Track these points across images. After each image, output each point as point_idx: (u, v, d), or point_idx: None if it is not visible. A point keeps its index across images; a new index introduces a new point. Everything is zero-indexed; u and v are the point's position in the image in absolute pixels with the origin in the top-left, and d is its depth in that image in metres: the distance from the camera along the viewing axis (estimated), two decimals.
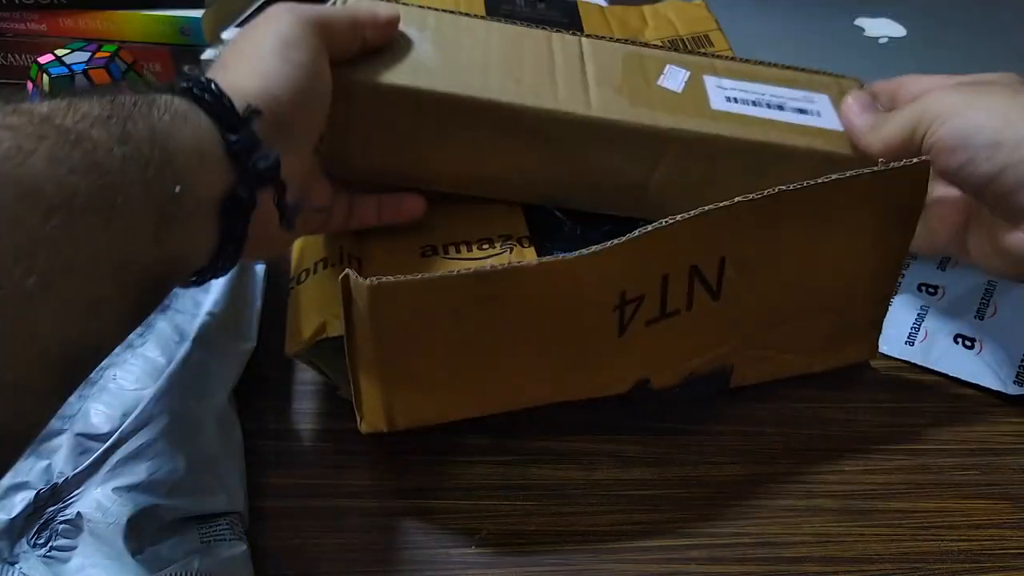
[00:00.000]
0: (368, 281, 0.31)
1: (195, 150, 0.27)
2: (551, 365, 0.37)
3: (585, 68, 0.42)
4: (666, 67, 0.43)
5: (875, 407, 0.44)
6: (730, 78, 0.44)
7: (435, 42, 0.40)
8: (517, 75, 0.40)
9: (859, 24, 0.71)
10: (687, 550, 0.37)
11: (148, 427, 0.34)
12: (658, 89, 0.42)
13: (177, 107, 0.27)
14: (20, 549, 0.31)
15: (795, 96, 0.44)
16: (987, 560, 0.37)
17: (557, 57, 0.42)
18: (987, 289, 0.48)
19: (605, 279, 0.35)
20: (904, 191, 0.38)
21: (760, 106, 0.43)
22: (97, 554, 0.31)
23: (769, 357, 0.42)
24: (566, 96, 0.40)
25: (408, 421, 0.37)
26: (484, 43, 0.41)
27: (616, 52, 0.43)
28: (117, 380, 0.35)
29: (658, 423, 0.42)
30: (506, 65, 0.40)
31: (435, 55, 0.40)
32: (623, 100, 0.41)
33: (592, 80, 0.41)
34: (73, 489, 0.32)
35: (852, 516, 0.38)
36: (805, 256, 0.39)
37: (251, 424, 0.40)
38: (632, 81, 0.42)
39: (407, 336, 0.34)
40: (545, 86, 0.40)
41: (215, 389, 0.38)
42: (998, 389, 0.43)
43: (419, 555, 0.36)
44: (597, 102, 0.40)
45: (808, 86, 0.45)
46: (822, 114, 0.43)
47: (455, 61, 0.40)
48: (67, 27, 0.65)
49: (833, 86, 0.45)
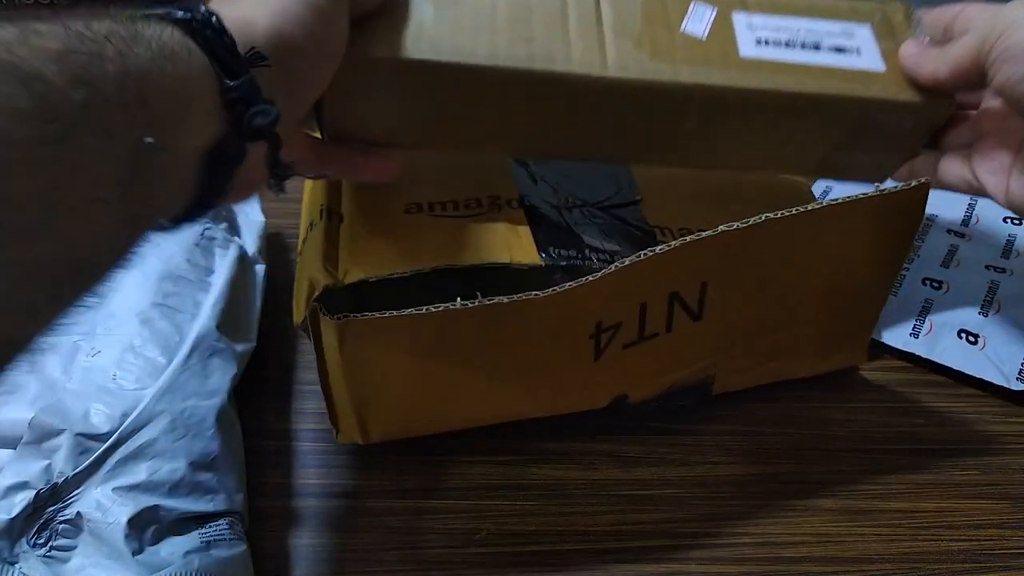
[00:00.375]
0: (336, 318, 0.31)
1: (181, 94, 0.24)
2: (526, 388, 0.37)
3: (601, 15, 0.38)
4: (691, 5, 0.39)
5: (875, 407, 0.44)
6: (762, 12, 0.40)
7: (435, 3, 0.37)
8: (527, 33, 0.36)
9: None
10: (686, 550, 0.37)
11: (148, 427, 0.34)
12: (681, 36, 0.38)
13: (166, 41, 0.23)
14: (20, 549, 0.31)
15: (832, 31, 0.40)
16: (987, 560, 0.37)
17: (570, 4, 0.38)
18: (991, 286, 0.48)
19: (580, 311, 0.34)
20: (901, 213, 0.37)
21: (794, 47, 0.39)
22: (97, 554, 0.31)
23: (753, 367, 0.42)
24: (580, 55, 0.36)
25: (383, 435, 0.37)
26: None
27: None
28: (117, 380, 0.35)
29: (658, 423, 0.42)
30: (515, 22, 0.37)
31: (439, 16, 0.36)
32: (643, 54, 0.37)
33: (609, 30, 0.38)
34: (73, 489, 0.32)
35: (852, 516, 0.38)
36: (793, 274, 0.38)
37: (251, 424, 0.40)
38: (652, 29, 0.38)
39: (377, 367, 0.34)
40: (558, 43, 0.37)
41: (215, 389, 0.37)
42: (1001, 384, 0.43)
43: (419, 555, 0.36)
44: (614, 59, 0.37)
45: (849, 16, 0.41)
46: (862, 51, 0.39)
47: (460, 22, 0.36)
48: None
49: (876, 13, 0.41)
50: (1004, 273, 0.49)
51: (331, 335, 0.32)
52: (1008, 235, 0.52)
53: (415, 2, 0.36)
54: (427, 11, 0.36)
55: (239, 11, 0.27)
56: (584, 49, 0.37)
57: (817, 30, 0.40)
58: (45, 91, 0.19)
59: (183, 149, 0.24)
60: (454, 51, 0.35)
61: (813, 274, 0.38)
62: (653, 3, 0.39)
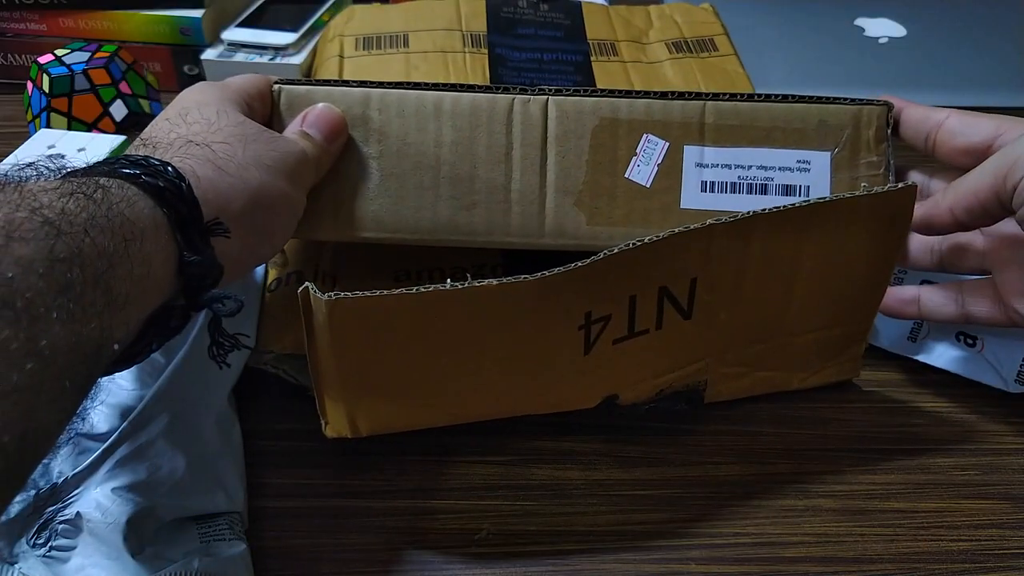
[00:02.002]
0: (326, 296, 0.31)
1: (139, 271, 0.25)
2: (516, 381, 0.37)
3: (547, 163, 0.39)
4: (642, 139, 0.39)
5: (874, 407, 0.44)
6: (716, 145, 0.39)
7: (381, 165, 0.38)
8: (469, 198, 0.38)
9: (859, 24, 0.71)
10: (686, 550, 0.37)
11: (148, 427, 0.34)
12: (625, 185, 0.39)
13: (136, 218, 0.25)
14: (20, 549, 0.31)
15: (788, 163, 0.39)
16: (987, 560, 0.37)
17: (516, 153, 0.39)
18: None
19: (569, 299, 0.34)
20: (891, 211, 0.36)
21: (739, 193, 0.39)
22: (96, 554, 0.31)
23: (745, 374, 0.42)
24: (519, 223, 0.38)
25: (372, 428, 0.37)
26: (435, 150, 0.38)
27: (588, 120, 0.39)
28: (117, 380, 0.35)
29: (658, 423, 0.42)
30: (458, 182, 0.38)
31: (384, 185, 0.38)
32: (580, 217, 0.39)
33: (551, 186, 0.39)
34: (72, 489, 0.32)
35: (852, 516, 0.38)
36: (784, 275, 0.37)
37: (251, 424, 0.40)
38: (596, 179, 0.39)
39: (367, 350, 0.34)
40: (498, 209, 0.38)
41: (215, 389, 0.37)
42: (999, 387, 0.43)
43: (419, 555, 0.36)
44: (552, 225, 0.39)
45: (815, 137, 0.39)
46: (812, 189, 0.39)
47: (404, 190, 0.38)
48: (67, 27, 0.65)
49: (847, 127, 0.39)
50: None
51: (321, 314, 0.32)
52: None
53: (360, 163, 0.38)
54: (373, 176, 0.38)
55: (213, 181, 0.29)
56: (523, 214, 0.39)
57: (770, 165, 0.39)
58: (29, 316, 0.20)
59: (126, 319, 0.24)
60: (397, 227, 0.38)
61: (804, 276, 0.38)
62: (603, 134, 0.39)
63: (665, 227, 0.36)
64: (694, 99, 0.39)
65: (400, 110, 0.38)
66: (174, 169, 0.27)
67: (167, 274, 0.26)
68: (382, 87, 0.39)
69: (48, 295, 0.21)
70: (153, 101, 0.61)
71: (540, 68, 0.55)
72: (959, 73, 0.65)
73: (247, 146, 0.32)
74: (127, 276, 0.24)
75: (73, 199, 0.23)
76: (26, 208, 0.22)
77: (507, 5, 0.60)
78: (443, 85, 0.39)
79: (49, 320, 0.21)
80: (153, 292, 0.26)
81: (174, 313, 0.28)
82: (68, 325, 0.21)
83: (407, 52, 0.55)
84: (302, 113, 0.37)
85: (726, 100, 0.39)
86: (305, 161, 0.35)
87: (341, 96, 0.38)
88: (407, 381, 0.35)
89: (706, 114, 0.39)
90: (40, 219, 0.22)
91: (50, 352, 0.21)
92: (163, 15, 0.64)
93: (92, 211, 0.23)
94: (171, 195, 0.26)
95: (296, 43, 0.63)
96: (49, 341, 0.21)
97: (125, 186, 0.25)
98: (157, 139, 0.31)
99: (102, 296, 0.23)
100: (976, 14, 0.72)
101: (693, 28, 0.59)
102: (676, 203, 0.39)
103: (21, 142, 0.50)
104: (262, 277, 0.45)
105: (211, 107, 0.33)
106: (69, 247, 0.22)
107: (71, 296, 0.22)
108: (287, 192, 0.33)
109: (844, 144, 0.39)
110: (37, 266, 0.21)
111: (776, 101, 0.39)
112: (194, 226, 0.27)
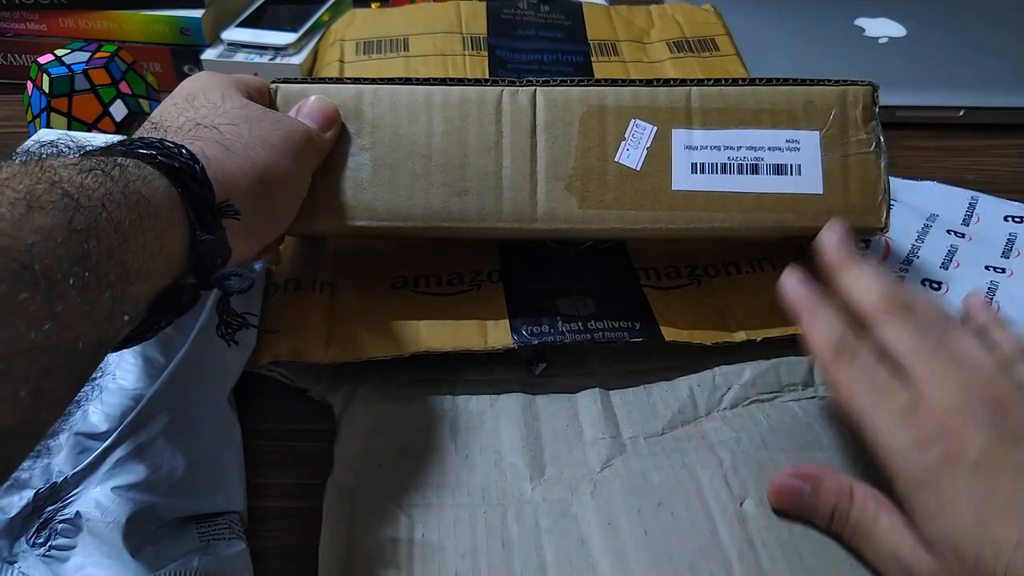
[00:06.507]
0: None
1: (152, 247, 0.25)
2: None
3: (536, 150, 0.39)
4: (630, 124, 0.39)
5: None
6: (704, 127, 0.39)
7: (374, 156, 0.39)
8: (461, 185, 0.39)
9: (859, 24, 0.71)
10: None
11: (147, 427, 0.34)
12: (615, 169, 0.39)
13: (151, 195, 0.26)
14: (19, 548, 0.31)
15: (777, 143, 0.39)
16: None
17: (505, 141, 0.39)
18: (991, 287, 0.48)
19: None
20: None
21: (730, 173, 0.39)
22: (96, 553, 0.31)
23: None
24: (511, 209, 0.39)
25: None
26: (426, 139, 0.39)
27: (575, 108, 0.39)
28: (117, 380, 0.35)
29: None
30: (450, 169, 0.39)
31: (377, 174, 0.39)
32: (572, 200, 0.39)
33: (542, 172, 0.39)
34: (72, 488, 0.32)
35: None
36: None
37: (251, 424, 0.39)
38: (586, 164, 0.39)
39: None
40: (490, 194, 0.39)
41: (215, 389, 0.37)
42: None
43: None
44: (544, 209, 0.39)
45: (802, 118, 0.40)
46: (804, 169, 0.39)
47: (397, 178, 0.39)
48: (67, 27, 0.65)
49: (833, 107, 0.40)
50: (1004, 273, 0.49)
51: None
52: (1008, 235, 0.52)
53: (353, 154, 0.39)
54: (365, 166, 0.39)
55: (222, 162, 0.30)
56: (515, 199, 0.39)
57: (759, 145, 0.39)
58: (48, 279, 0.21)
59: (137, 293, 0.25)
60: (391, 215, 0.39)
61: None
62: (590, 121, 0.39)
63: (658, 209, 0.38)
64: (679, 85, 0.40)
65: (392, 103, 0.39)
66: (188, 151, 0.28)
67: (179, 252, 0.27)
68: (375, 83, 0.39)
69: (65, 262, 0.22)
70: (153, 101, 0.61)
71: (541, 69, 0.55)
72: (959, 73, 0.65)
73: (253, 127, 0.33)
74: (140, 251, 0.25)
75: (92, 175, 0.24)
76: (47, 181, 0.23)
77: (507, 7, 0.60)
78: (434, 80, 0.40)
79: (66, 286, 0.22)
80: (165, 269, 0.27)
81: (184, 291, 0.28)
82: (83, 292, 0.22)
83: (407, 56, 0.55)
84: (296, 106, 0.39)
85: (711, 85, 0.40)
86: (309, 140, 0.36)
87: (336, 92, 0.39)
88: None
89: (692, 99, 0.40)
90: (60, 192, 0.23)
91: (65, 316, 0.22)
92: (163, 15, 0.64)
93: (109, 187, 0.24)
94: (186, 175, 0.27)
95: (296, 43, 0.63)
96: (65, 306, 0.22)
97: (142, 166, 0.26)
98: (168, 122, 0.32)
99: (116, 268, 0.24)
100: (976, 14, 0.72)
101: (694, 28, 0.59)
102: (668, 185, 0.39)
103: (21, 142, 0.50)
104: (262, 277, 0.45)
105: (215, 92, 0.34)
106: (87, 219, 0.23)
107: (87, 265, 0.22)
108: (292, 171, 0.34)
109: (832, 123, 0.40)
110: (56, 235, 0.22)
111: (761, 84, 0.40)
112: (206, 206, 0.28)
